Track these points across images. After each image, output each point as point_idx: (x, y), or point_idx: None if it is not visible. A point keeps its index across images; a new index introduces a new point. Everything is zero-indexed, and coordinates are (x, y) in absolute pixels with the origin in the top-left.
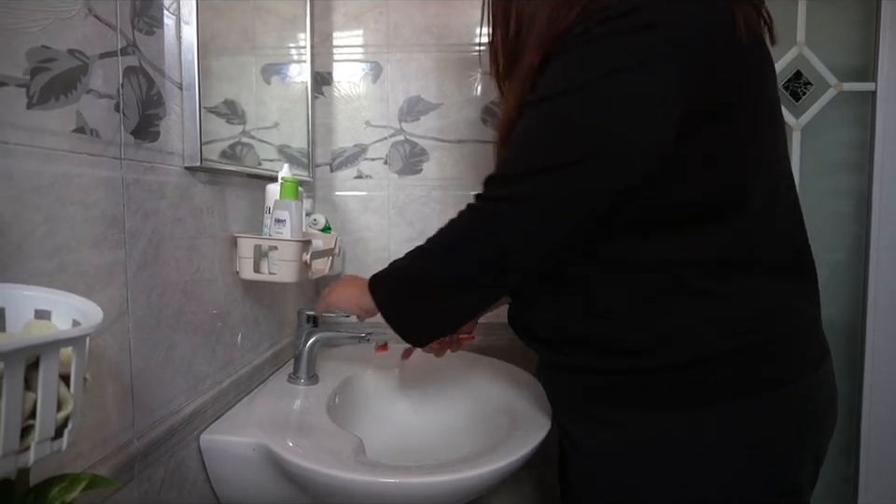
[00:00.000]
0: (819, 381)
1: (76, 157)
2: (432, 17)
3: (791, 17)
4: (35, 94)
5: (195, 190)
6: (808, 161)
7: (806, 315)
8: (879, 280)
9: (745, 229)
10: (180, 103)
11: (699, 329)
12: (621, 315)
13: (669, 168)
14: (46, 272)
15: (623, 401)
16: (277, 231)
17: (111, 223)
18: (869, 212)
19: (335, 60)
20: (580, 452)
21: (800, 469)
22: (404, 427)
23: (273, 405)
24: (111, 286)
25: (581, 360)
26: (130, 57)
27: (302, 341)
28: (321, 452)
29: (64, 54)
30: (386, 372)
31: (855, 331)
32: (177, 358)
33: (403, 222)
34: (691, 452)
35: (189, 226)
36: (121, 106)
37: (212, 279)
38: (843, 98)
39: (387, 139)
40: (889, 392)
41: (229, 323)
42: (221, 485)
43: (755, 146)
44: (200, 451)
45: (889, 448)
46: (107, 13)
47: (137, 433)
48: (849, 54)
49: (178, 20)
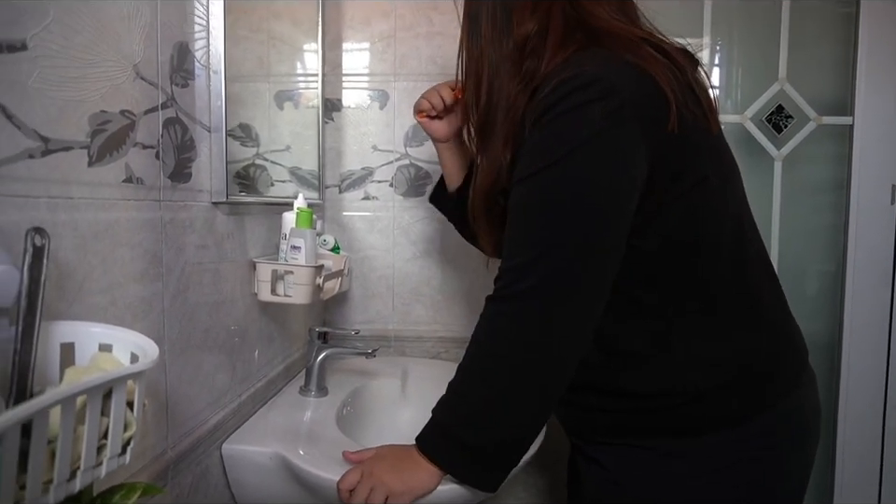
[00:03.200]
0: (800, 398)
1: (125, 203)
2: (436, 48)
3: (774, 54)
4: (94, 154)
5: (218, 220)
6: (789, 188)
7: (780, 346)
8: (855, 298)
9: (714, 276)
10: (209, 144)
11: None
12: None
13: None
14: (101, 306)
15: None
16: (293, 257)
17: (152, 259)
18: (846, 233)
19: (344, 87)
20: (607, 470)
21: (791, 477)
22: (409, 436)
23: (287, 416)
24: (151, 314)
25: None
26: (168, 110)
27: (314, 356)
28: (332, 461)
29: (117, 115)
30: (391, 383)
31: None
32: (203, 375)
33: (407, 241)
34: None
35: (212, 253)
36: (160, 154)
37: (233, 300)
38: (822, 131)
39: (393, 163)
40: (863, 403)
41: (247, 340)
42: (240, 491)
43: (712, 202)
44: (222, 459)
45: (864, 459)
46: (151, 73)
47: (170, 444)
48: (828, 90)
49: (208, 70)
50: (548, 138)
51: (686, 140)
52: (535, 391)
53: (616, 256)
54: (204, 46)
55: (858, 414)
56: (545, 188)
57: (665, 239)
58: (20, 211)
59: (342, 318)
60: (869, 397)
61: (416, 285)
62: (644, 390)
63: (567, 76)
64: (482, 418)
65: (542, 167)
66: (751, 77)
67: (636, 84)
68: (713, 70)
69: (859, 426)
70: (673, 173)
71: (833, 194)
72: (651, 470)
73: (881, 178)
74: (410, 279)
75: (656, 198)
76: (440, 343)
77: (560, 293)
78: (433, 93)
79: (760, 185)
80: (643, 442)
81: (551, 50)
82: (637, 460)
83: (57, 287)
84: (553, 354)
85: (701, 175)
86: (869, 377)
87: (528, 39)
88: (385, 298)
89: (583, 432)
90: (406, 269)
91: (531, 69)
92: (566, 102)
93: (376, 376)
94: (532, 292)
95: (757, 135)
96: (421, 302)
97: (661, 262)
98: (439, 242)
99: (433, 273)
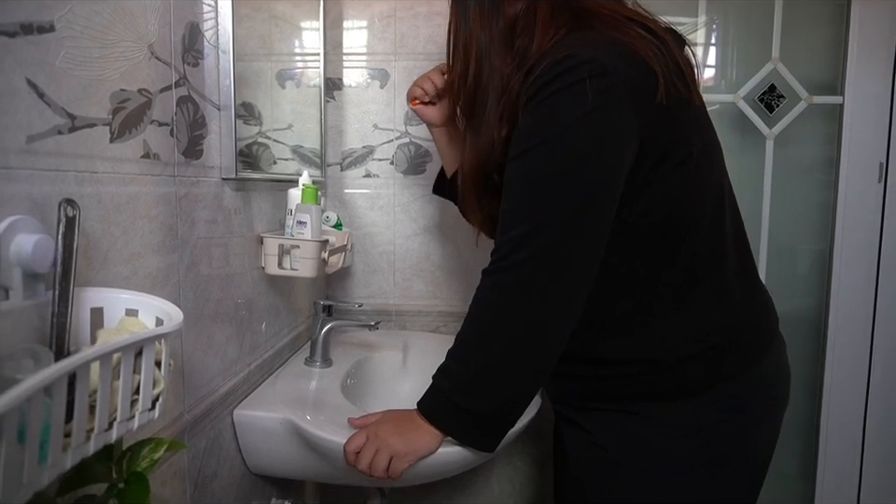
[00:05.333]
0: (770, 365)
1: (143, 178)
2: (436, 28)
3: (767, 34)
4: (115, 130)
5: (226, 196)
6: (780, 167)
7: (753, 315)
8: (842, 275)
9: (696, 249)
10: (218, 122)
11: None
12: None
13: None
14: (123, 275)
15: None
16: (299, 232)
17: (168, 231)
18: (834, 212)
19: (345, 66)
20: (587, 433)
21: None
22: (410, 403)
23: (294, 385)
24: (168, 284)
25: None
26: (181, 88)
27: (318, 328)
28: (338, 426)
29: (135, 93)
30: (393, 355)
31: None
32: (216, 344)
33: (407, 218)
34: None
35: (222, 228)
36: (175, 131)
37: (242, 273)
38: (813, 110)
39: (394, 141)
40: (848, 376)
41: (255, 312)
42: (250, 454)
43: (696, 178)
44: (233, 424)
45: (847, 428)
46: (164, 53)
47: (187, 408)
48: (820, 70)
49: (217, 50)
50: (541, 116)
51: (673, 114)
52: (529, 358)
53: (605, 229)
54: (213, 26)
55: (842, 388)
56: (539, 163)
57: (653, 214)
58: (51, 184)
59: (344, 293)
60: (854, 371)
61: (416, 260)
62: (622, 358)
63: (559, 56)
64: (478, 384)
65: (536, 143)
66: (745, 57)
67: (625, 63)
68: (709, 49)
69: (843, 398)
70: (661, 148)
71: (823, 173)
72: (630, 433)
73: (869, 157)
74: (410, 255)
75: (644, 173)
76: (439, 318)
77: (553, 264)
78: (425, 79)
79: (752, 164)
80: (622, 406)
81: (541, 28)
82: (616, 423)
83: (85, 256)
84: (546, 323)
85: (687, 152)
86: (854, 352)
87: (518, 18)
88: (387, 273)
89: (564, 398)
90: (406, 245)
91: (523, 47)
92: (558, 81)
93: (378, 349)
94: (526, 264)
95: (750, 115)
96: (421, 278)
97: (646, 236)
98: (438, 219)
99: (433, 249)
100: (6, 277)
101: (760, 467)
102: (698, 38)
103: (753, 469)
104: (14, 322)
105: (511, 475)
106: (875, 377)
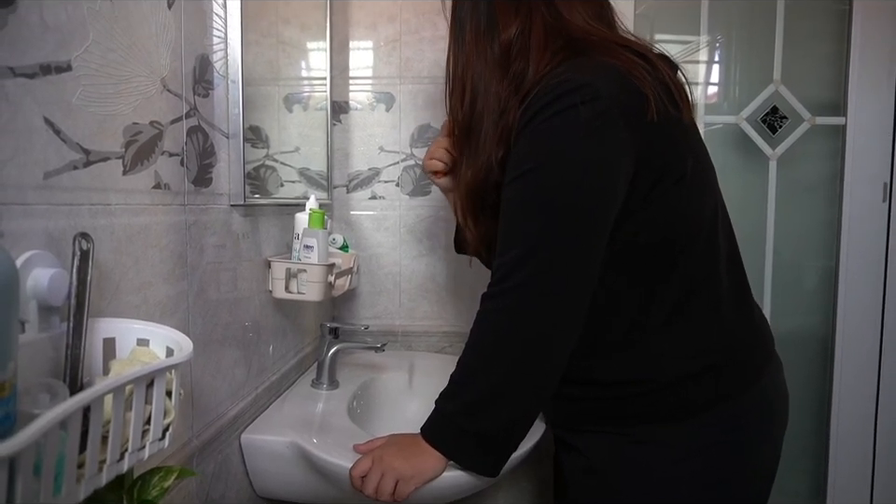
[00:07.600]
0: (767, 385)
1: (154, 208)
2: (440, 52)
3: (768, 57)
4: (128, 163)
5: (235, 221)
6: (784, 186)
7: (748, 334)
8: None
9: (690, 268)
10: (227, 150)
11: (664, 361)
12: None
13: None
14: (134, 304)
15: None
16: (306, 256)
17: (178, 259)
18: (839, 230)
19: (351, 90)
20: (584, 457)
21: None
22: (417, 426)
23: (301, 408)
24: (178, 311)
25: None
26: (191, 119)
27: (325, 350)
28: (344, 449)
29: (147, 126)
30: (399, 376)
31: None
32: (224, 368)
33: (413, 240)
34: (679, 454)
35: (230, 253)
36: (185, 161)
37: (249, 297)
38: (816, 131)
39: (399, 163)
40: (856, 395)
41: (262, 336)
42: (257, 478)
43: (690, 197)
44: (241, 448)
45: (857, 448)
46: (176, 85)
47: (196, 433)
48: (822, 91)
49: (226, 79)
50: (537, 141)
51: (665, 132)
52: (529, 381)
53: (602, 249)
54: (223, 57)
55: (851, 405)
56: (535, 186)
57: (648, 233)
58: (66, 218)
59: (350, 314)
60: (862, 388)
61: (422, 281)
62: (617, 378)
63: (553, 82)
64: (480, 407)
65: (532, 167)
66: (747, 78)
67: (618, 87)
68: (712, 67)
69: (852, 416)
70: (657, 167)
71: (827, 192)
72: (625, 456)
73: (873, 177)
74: (416, 276)
75: (641, 193)
76: (445, 338)
77: (551, 285)
78: (438, 150)
79: (755, 183)
80: (617, 429)
81: (536, 52)
82: (611, 446)
83: (97, 287)
84: (547, 342)
85: (682, 170)
86: (862, 369)
87: (512, 42)
88: (392, 294)
89: (561, 421)
90: (412, 266)
91: (518, 71)
92: (553, 106)
93: (384, 370)
94: (524, 285)
95: (752, 135)
96: (427, 298)
97: (642, 256)
98: (443, 240)
99: (438, 270)
100: (23, 311)
101: (761, 489)
102: (701, 56)
103: (754, 493)
104: (31, 354)
105: (518, 497)
106: (883, 394)
